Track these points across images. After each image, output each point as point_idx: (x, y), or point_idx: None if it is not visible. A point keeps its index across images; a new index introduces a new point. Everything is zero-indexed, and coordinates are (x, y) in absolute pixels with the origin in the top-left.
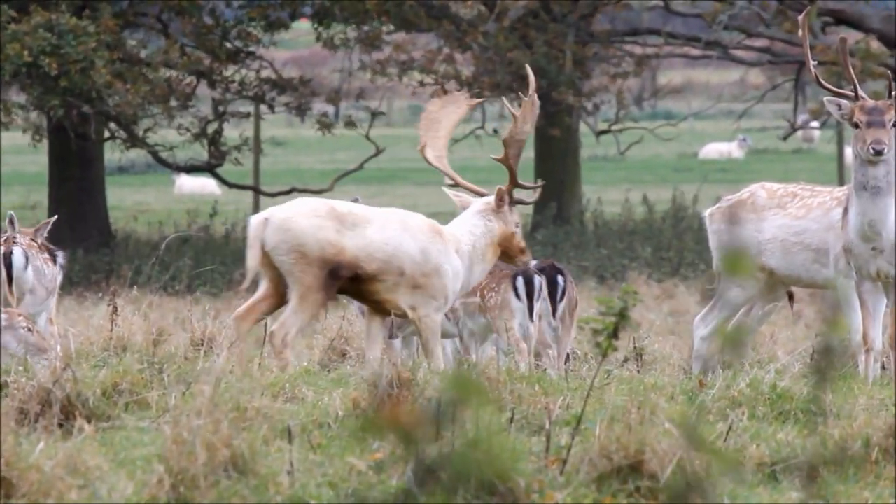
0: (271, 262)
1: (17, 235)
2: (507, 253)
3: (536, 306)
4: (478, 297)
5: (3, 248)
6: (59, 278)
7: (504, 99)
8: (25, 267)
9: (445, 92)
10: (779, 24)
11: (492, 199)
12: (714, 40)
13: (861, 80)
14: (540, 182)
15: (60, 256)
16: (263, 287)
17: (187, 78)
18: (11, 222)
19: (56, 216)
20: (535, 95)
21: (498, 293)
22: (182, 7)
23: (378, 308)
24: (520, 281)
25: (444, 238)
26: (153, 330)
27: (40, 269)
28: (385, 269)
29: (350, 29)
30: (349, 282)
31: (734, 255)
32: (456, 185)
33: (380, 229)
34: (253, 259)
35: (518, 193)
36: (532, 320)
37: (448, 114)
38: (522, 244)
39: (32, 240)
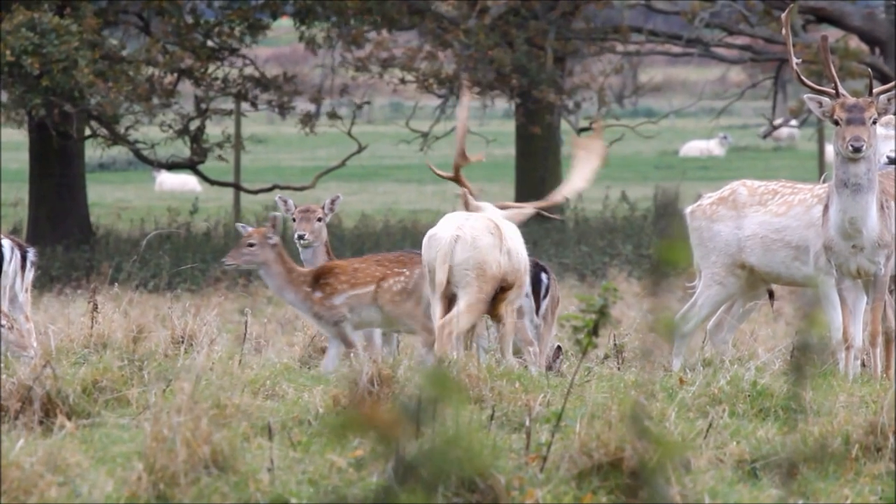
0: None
1: None
2: None
3: (543, 304)
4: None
5: None
6: (31, 276)
7: None
8: (10, 261)
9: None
10: (765, 23)
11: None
12: (695, 38)
13: (841, 78)
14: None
15: (31, 254)
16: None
17: (169, 76)
18: None
19: None
20: None
21: None
22: (163, 7)
23: (491, 315)
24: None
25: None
26: (133, 327)
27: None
28: (516, 280)
29: (331, 27)
30: None
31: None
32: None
33: (509, 239)
34: (444, 274)
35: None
36: (539, 318)
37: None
38: None
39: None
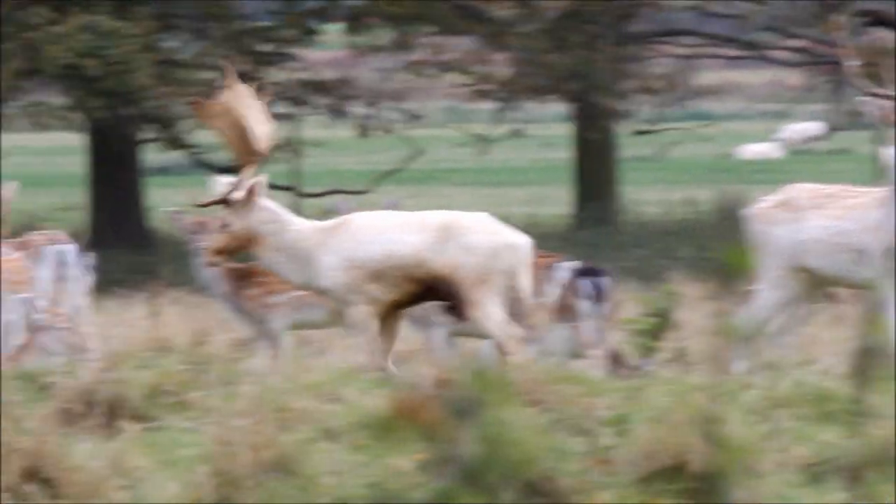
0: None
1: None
2: None
3: (604, 307)
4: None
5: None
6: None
7: None
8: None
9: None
10: (817, 25)
11: None
12: (751, 41)
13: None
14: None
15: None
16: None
17: None
18: None
19: None
20: None
21: None
22: (216, 14)
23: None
24: (586, 283)
25: None
26: (195, 330)
27: None
28: None
29: (384, 33)
30: None
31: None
32: None
33: None
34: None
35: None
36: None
37: None
38: None
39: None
